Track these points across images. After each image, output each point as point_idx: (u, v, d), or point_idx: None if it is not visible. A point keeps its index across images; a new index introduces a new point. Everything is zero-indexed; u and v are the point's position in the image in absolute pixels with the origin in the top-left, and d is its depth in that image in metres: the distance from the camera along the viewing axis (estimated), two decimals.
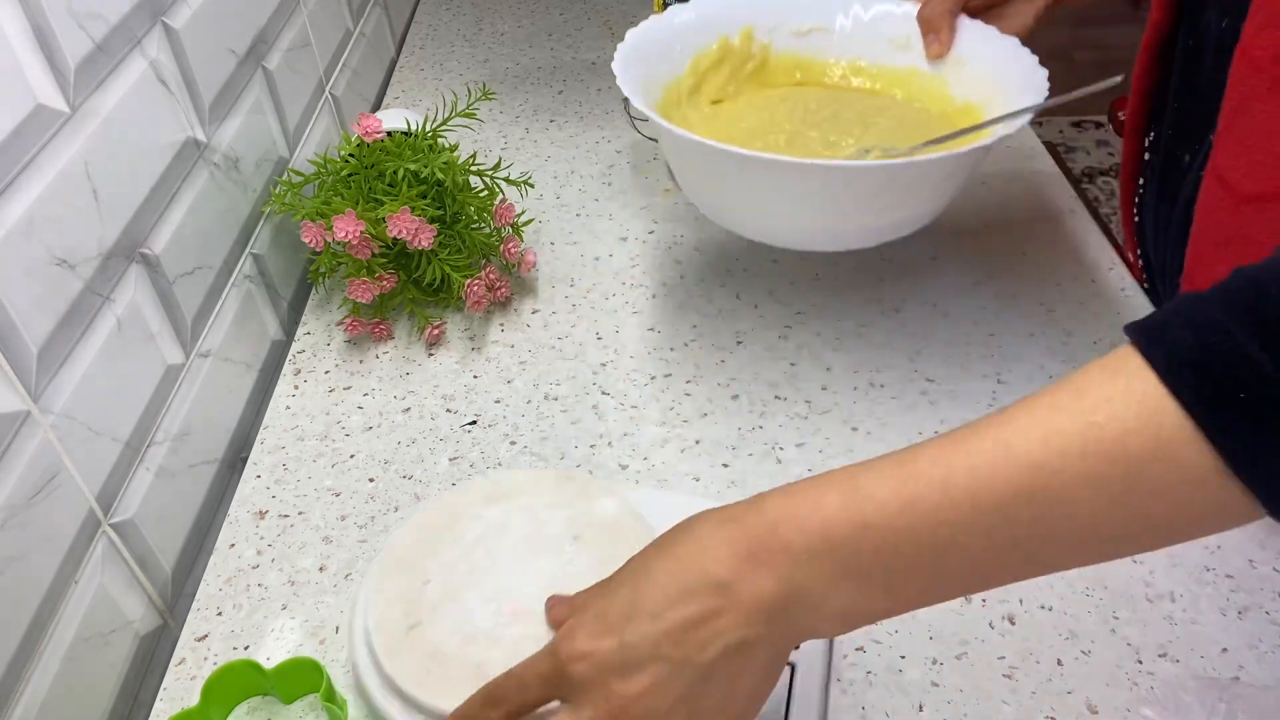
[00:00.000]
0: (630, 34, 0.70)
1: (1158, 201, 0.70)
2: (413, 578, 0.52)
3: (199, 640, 0.58)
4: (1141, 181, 0.74)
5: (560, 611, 0.47)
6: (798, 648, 0.44)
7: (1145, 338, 0.34)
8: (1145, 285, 0.78)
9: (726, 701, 0.41)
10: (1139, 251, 0.76)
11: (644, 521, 0.54)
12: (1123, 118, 0.75)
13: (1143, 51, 0.70)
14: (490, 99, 0.82)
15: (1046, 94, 0.63)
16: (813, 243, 0.70)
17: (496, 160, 0.84)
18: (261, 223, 0.78)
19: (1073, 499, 0.35)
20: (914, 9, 0.73)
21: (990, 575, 0.39)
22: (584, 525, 0.54)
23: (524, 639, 0.48)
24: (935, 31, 0.71)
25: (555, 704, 0.43)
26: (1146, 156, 0.73)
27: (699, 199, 0.71)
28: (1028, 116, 0.62)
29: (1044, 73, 0.65)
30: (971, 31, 0.72)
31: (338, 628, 0.58)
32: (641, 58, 0.70)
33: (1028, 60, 0.67)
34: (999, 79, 0.68)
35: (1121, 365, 0.35)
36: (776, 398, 0.71)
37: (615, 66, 0.67)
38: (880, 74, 0.77)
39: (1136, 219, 0.75)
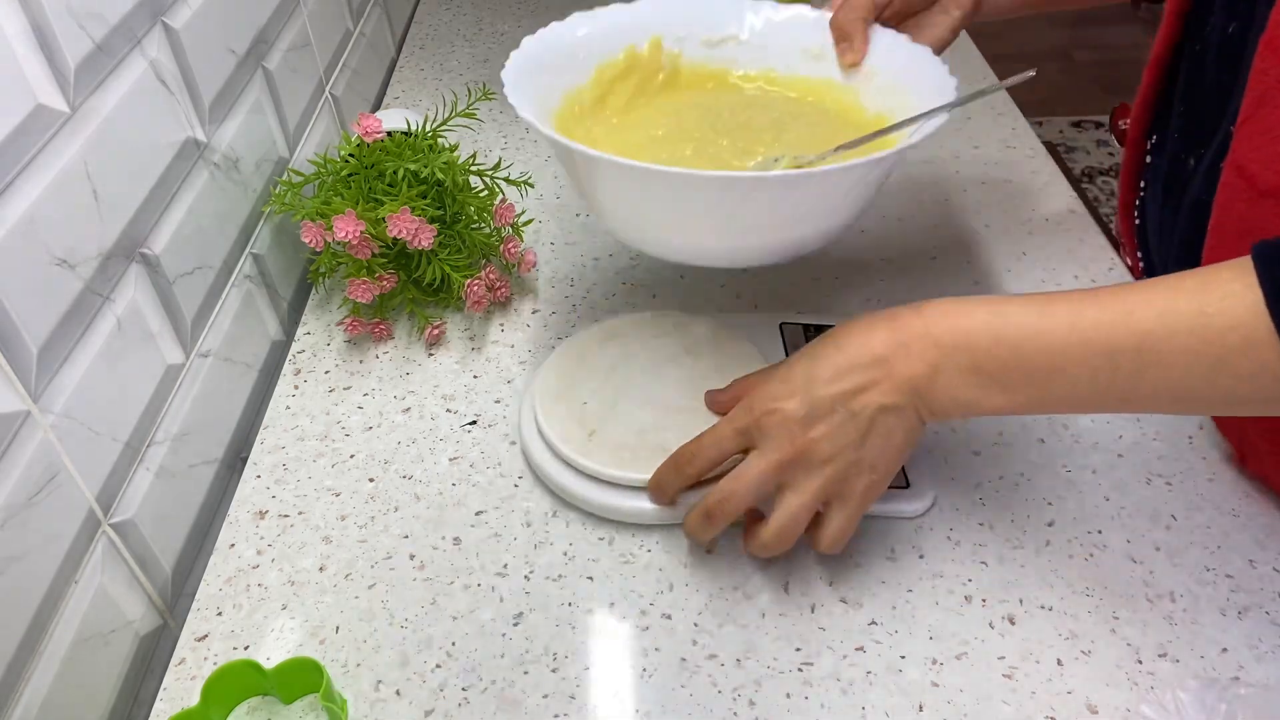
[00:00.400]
0: (526, 42, 0.67)
1: (1161, 205, 0.70)
2: (571, 403, 0.65)
3: (199, 640, 0.58)
4: (1142, 185, 0.74)
5: (721, 396, 0.61)
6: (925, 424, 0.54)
7: (1263, 262, 0.44)
8: None
9: (883, 451, 0.53)
10: (1139, 254, 0.76)
11: (734, 333, 0.70)
12: (1124, 126, 0.74)
13: (1151, 64, 0.69)
14: (490, 99, 0.82)
15: (955, 95, 0.60)
16: (714, 258, 0.65)
17: (496, 160, 0.84)
18: (261, 223, 0.78)
19: (1169, 364, 0.46)
20: (827, 17, 0.72)
21: (1085, 403, 0.50)
22: (690, 343, 0.69)
23: (687, 425, 0.61)
24: (848, 40, 0.69)
25: (737, 458, 0.56)
26: (1148, 160, 0.73)
27: (596, 212, 0.66)
28: (940, 118, 0.59)
29: (954, 81, 0.63)
30: (885, 41, 0.69)
31: (338, 627, 0.58)
32: (541, 67, 0.66)
33: (939, 70, 0.64)
34: (911, 89, 0.66)
35: (1240, 275, 0.44)
36: None
37: (505, 75, 0.62)
38: (794, 84, 0.74)
39: (1138, 222, 0.75)
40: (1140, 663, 0.54)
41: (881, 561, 0.60)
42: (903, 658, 0.55)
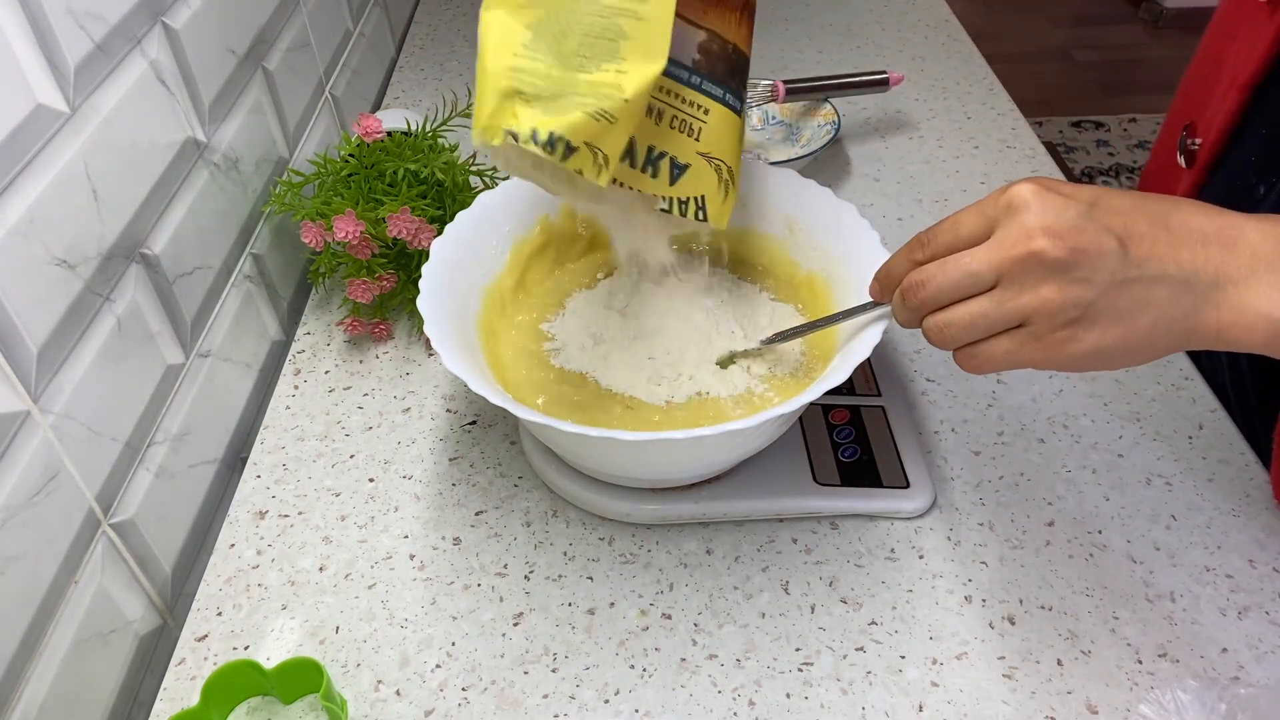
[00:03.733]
0: (436, 246, 0.62)
1: None
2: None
3: (199, 640, 0.58)
4: None
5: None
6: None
7: None
8: None
9: (1128, 319, 0.43)
10: None
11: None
12: (1194, 145, 0.72)
13: (1235, 89, 0.66)
14: None
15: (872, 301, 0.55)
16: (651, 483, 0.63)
17: None
18: (261, 223, 0.78)
19: None
20: (749, 159, 0.67)
21: None
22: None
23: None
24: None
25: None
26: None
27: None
28: (872, 315, 0.56)
29: (877, 236, 0.60)
30: (807, 195, 0.66)
31: (338, 627, 0.58)
32: (455, 270, 0.62)
33: (863, 228, 0.62)
34: (836, 248, 0.64)
35: None
36: None
37: (422, 304, 0.58)
38: (716, 233, 0.70)
39: None
40: (1140, 663, 0.54)
41: (881, 561, 0.60)
42: (903, 658, 0.55)
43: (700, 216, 0.57)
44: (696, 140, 0.55)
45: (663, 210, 0.57)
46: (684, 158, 0.55)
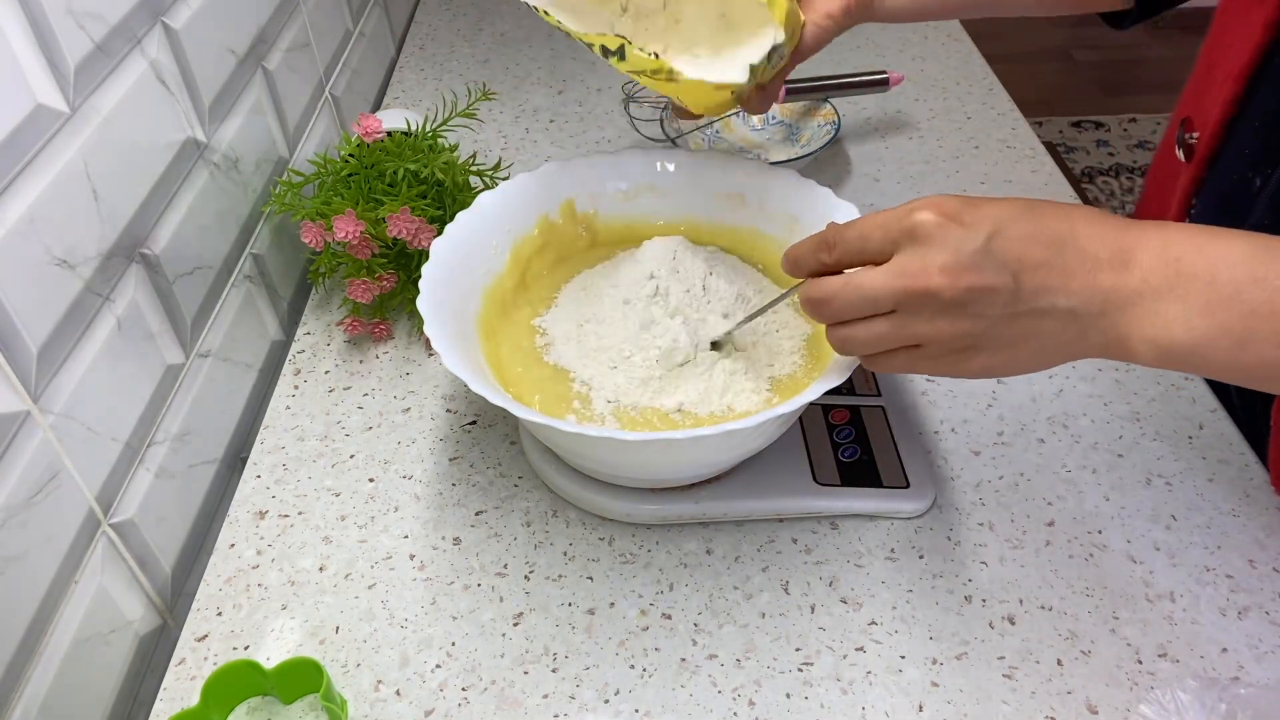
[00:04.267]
0: (436, 246, 0.62)
1: (1220, 222, 0.67)
2: None
3: (199, 640, 0.58)
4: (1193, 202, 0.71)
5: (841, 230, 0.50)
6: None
7: None
8: None
9: (1021, 349, 0.46)
10: None
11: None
12: (1191, 140, 0.71)
13: (1230, 79, 0.66)
14: (490, 99, 0.82)
15: None
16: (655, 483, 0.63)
17: (496, 160, 0.84)
18: (261, 223, 0.78)
19: None
20: (744, 161, 0.68)
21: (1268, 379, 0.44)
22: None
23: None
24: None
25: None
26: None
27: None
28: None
29: None
30: (807, 195, 0.66)
31: (338, 627, 0.58)
32: (455, 271, 0.62)
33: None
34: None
35: None
36: None
37: (422, 304, 0.58)
38: (718, 232, 0.71)
39: None
40: (1140, 663, 0.54)
41: (881, 561, 0.60)
42: (903, 658, 0.55)
43: None
44: None
45: None
46: None
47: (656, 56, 0.58)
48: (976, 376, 0.48)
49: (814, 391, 0.53)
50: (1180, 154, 0.72)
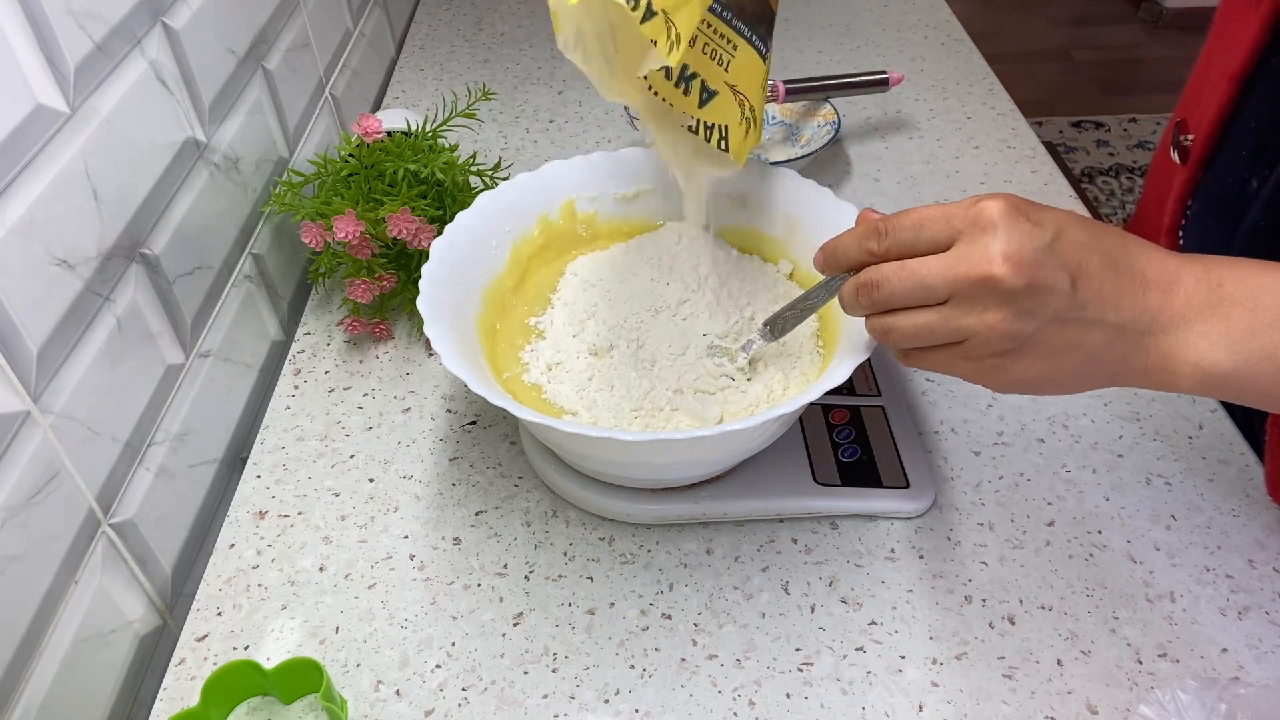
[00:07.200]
0: (436, 246, 0.62)
1: (1216, 225, 0.67)
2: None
3: (199, 640, 0.58)
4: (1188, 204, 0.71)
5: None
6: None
7: None
8: None
9: (1064, 358, 0.45)
10: None
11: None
12: (1187, 142, 0.71)
13: (1225, 81, 0.66)
14: (490, 99, 0.82)
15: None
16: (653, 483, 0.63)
17: (496, 160, 0.84)
18: (261, 223, 0.78)
19: None
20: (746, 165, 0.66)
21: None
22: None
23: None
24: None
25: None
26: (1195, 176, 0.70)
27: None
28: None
29: None
30: (807, 195, 0.66)
31: (338, 628, 0.58)
32: (454, 270, 0.62)
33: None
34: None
35: None
36: None
37: (422, 304, 0.58)
38: (718, 232, 0.70)
39: (1181, 242, 0.72)
40: (1140, 663, 0.54)
41: (881, 561, 0.60)
42: (903, 658, 0.55)
43: (723, 146, 0.58)
44: (725, 71, 0.56)
45: (689, 129, 0.58)
46: (713, 83, 0.57)
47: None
48: (1008, 390, 0.47)
49: (814, 391, 0.53)
50: (1175, 156, 0.72)
